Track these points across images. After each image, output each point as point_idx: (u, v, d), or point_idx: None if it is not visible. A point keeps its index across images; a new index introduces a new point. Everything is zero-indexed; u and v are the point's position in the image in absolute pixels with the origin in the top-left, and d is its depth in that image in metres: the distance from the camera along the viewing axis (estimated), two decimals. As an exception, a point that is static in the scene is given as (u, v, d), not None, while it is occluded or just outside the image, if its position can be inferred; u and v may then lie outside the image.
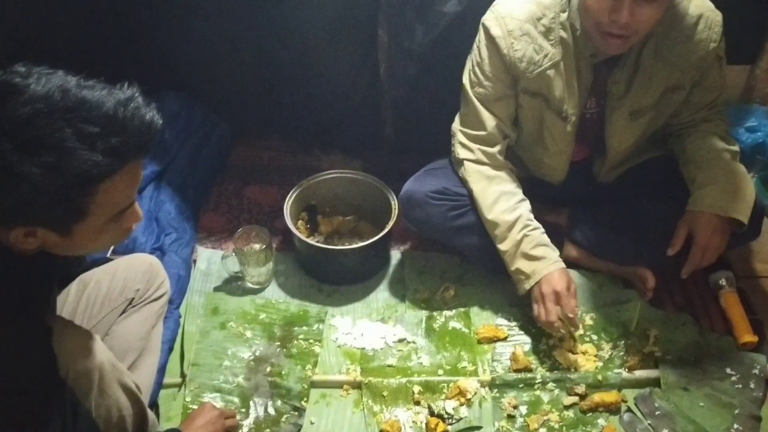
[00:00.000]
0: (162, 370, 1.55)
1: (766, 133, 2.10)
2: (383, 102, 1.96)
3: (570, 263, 1.80)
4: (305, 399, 1.54)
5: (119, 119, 0.92)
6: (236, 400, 1.53)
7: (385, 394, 1.54)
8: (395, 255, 1.89)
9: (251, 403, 1.53)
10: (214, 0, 1.84)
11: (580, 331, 1.65)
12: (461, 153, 1.64)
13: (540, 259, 1.57)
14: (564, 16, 1.48)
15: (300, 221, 1.89)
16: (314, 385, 1.58)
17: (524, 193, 1.66)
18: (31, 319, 1.04)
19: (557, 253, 1.61)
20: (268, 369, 1.59)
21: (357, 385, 1.57)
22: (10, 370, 0.99)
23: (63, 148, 0.88)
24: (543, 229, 1.62)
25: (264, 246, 1.72)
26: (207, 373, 1.57)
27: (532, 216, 1.62)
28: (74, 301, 1.39)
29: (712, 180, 1.57)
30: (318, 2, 1.75)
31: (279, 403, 1.53)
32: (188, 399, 1.53)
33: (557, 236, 1.78)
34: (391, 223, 1.75)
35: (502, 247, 1.60)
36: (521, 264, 1.58)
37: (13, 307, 1.00)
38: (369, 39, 1.79)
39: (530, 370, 1.59)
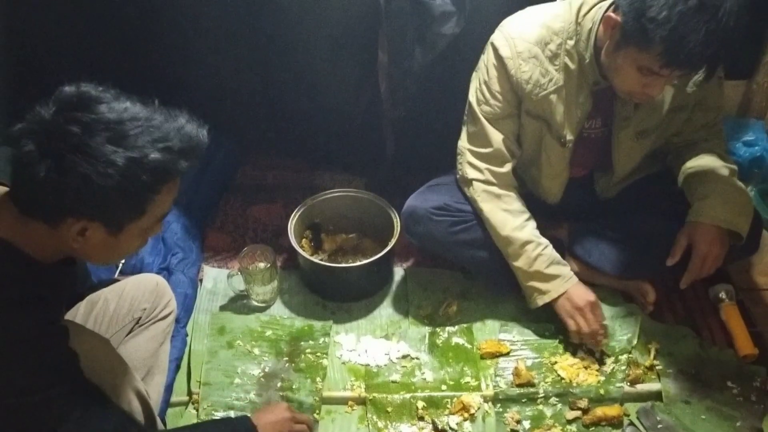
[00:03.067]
0: (169, 389, 1.57)
1: (763, 146, 2.13)
2: (384, 121, 1.98)
3: (571, 277, 1.84)
4: (317, 411, 1.56)
5: (186, 129, 1.06)
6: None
7: (389, 409, 1.56)
8: (398, 271, 1.92)
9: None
10: (219, 23, 1.88)
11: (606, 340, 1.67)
12: (470, 173, 1.66)
13: (555, 278, 1.62)
14: (571, 43, 1.50)
15: (304, 239, 1.91)
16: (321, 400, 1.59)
17: (526, 206, 1.69)
18: (47, 321, 1.08)
19: (569, 267, 1.65)
20: (279, 384, 1.61)
21: (361, 401, 1.59)
22: (29, 369, 1.04)
23: (147, 145, 1.00)
24: (551, 245, 1.66)
25: (269, 264, 1.74)
26: (219, 392, 1.59)
27: (538, 233, 1.65)
28: (83, 320, 1.42)
29: (712, 193, 1.59)
30: (320, 25, 1.78)
31: (293, 417, 1.55)
32: (203, 417, 1.54)
33: (558, 250, 1.81)
34: (393, 240, 1.77)
35: (517, 263, 1.64)
36: (536, 281, 1.63)
37: (30, 309, 1.05)
38: (370, 60, 1.82)
39: (533, 385, 1.60)
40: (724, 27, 1.24)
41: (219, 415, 1.54)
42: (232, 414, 1.54)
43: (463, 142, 1.68)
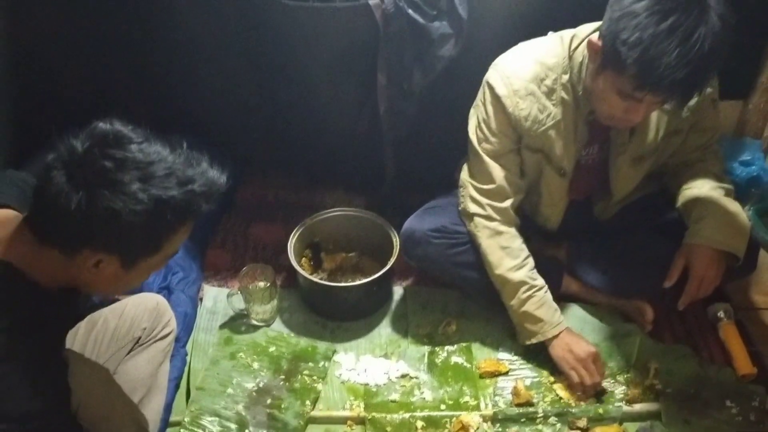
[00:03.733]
0: (168, 408, 1.56)
1: (760, 166, 2.14)
2: (383, 141, 2.00)
3: (570, 297, 1.84)
4: (299, 435, 1.57)
5: (208, 174, 1.11)
6: (233, 426, 1.55)
7: (388, 429, 1.56)
8: (397, 291, 1.92)
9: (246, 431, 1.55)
10: (221, 45, 1.90)
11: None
12: (471, 208, 1.66)
13: (543, 321, 1.63)
14: (566, 77, 1.52)
15: (304, 258, 1.92)
16: (318, 421, 1.59)
17: (524, 227, 1.70)
18: (49, 350, 1.10)
19: (559, 313, 1.66)
20: (269, 401, 1.61)
21: (361, 421, 1.59)
22: (27, 397, 1.04)
23: (173, 186, 1.05)
24: (546, 288, 1.66)
25: (268, 283, 1.75)
26: (209, 398, 1.60)
27: (535, 273, 1.66)
28: (83, 339, 1.42)
29: (708, 214, 1.60)
30: (320, 47, 1.80)
31: (274, 436, 1.55)
32: (187, 419, 1.55)
33: (557, 270, 1.82)
34: (392, 259, 1.78)
35: (508, 302, 1.65)
36: (526, 321, 1.65)
37: (34, 337, 1.07)
38: (369, 81, 1.84)
39: (532, 404, 1.60)
40: (697, 51, 1.23)
41: (204, 421, 1.55)
42: (216, 422, 1.55)
43: (465, 176, 1.68)
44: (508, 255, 1.64)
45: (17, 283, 1.06)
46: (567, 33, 1.53)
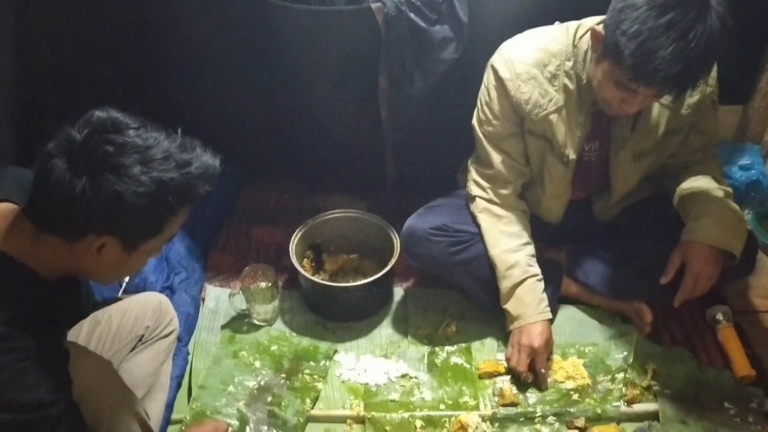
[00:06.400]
0: (170, 407, 1.58)
1: (759, 170, 2.15)
2: (385, 145, 2.02)
3: (569, 299, 1.85)
4: (299, 432, 1.58)
5: (203, 158, 1.13)
6: (235, 422, 1.57)
7: (388, 428, 1.57)
8: (398, 292, 1.94)
9: (247, 428, 1.56)
10: (223, 51, 1.92)
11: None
12: (474, 190, 1.71)
13: (527, 306, 1.64)
14: (569, 64, 1.54)
15: (305, 260, 1.94)
16: (318, 419, 1.61)
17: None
18: (50, 341, 1.11)
19: (545, 303, 1.67)
20: (269, 399, 1.62)
21: (360, 420, 1.60)
22: (29, 387, 1.05)
23: (171, 169, 1.07)
24: (540, 276, 1.68)
25: (270, 284, 1.77)
26: (211, 395, 1.62)
27: (533, 261, 1.68)
28: (86, 337, 1.45)
29: (706, 212, 1.62)
30: (322, 51, 1.82)
31: (274, 432, 1.57)
32: (188, 417, 1.57)
33: (557, 272, 1.83)
34: (393, 261, 1.79)
35: (500, 284, 1.67)
36: (511, 305, 1.66)
37: (35, 328, 1.08)
38: (370, 85, 1.86)
39: (516, 405, 1.61)
40: (693, 48, 1.26)
41: (205, 416, 1.57)
42: (217, 418, 1.57)
43: (470, 159, 1.73)
44: (505, 237, 1.66)
45: (16, 274, 1.08)
46: (572, 23, 1.56)
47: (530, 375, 1.64)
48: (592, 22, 1.51)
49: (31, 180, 1.09)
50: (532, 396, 1.64)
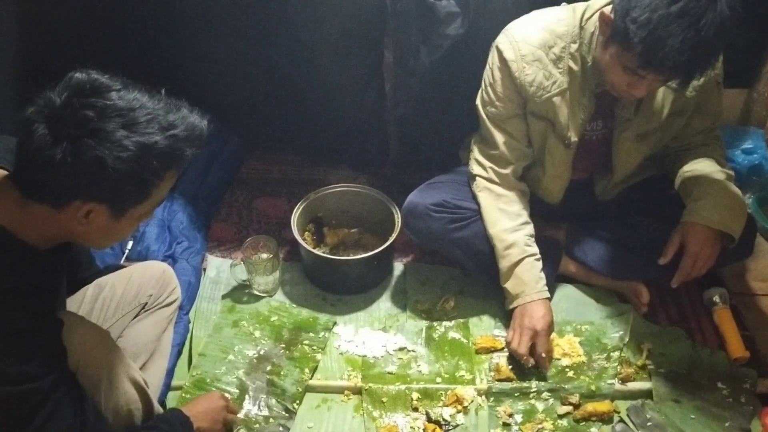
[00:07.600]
0: (170, 373, 1.60)
1: (762, 154, 2.15)
2: (388, 119, 2.02)
3: (567, 277, 1.87)
4: (298, 402, 1.59)
5: (190, 119, 1.10)
6: (234, 390, 1.59)
7: (384, 400, 1.59)
8: (398, 267, 1.95)
9: (246, 396, 1.59)
10: (228, 20, 1.91)
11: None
12: (475, 168, 1.71)
13: (526, 285, 1.65)
14: (574, 47, 1.54)
15: (307, 232, 1.95)
16: (316, 389, 1.63)
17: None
18: (42, 311, 1.11)
19: (543, 282, 1.68)
20: (269, 368, 1.64)
21: (357, 391, 1.62)
22: (21, 359, 1.05)
23: (156, 132, 1.04)
24: (538, 255, 1.69)
25: (271, 255, 1.78)
26: (211, 363, 1.64)
27: (531, 240, 1.69)
28: (90, 303, 1.46)
29: (707, 194, 1.62)
30: (326, 24, 1.81)
31: (273, 401, 1.58)
32: (188, 384, 1.59)
33: (556, 251, 1.84)
34: (394, 236, 1.80)
35: (499, 263, 1.68)
36: (510, 284, 1.67)
37: (26, 298, 1.07)
38: (375, 59, 1.86)
39: (511, 380, 1.63)
40: (703, 36, 1.27)
41: (206, 384, 1.59)
42: (217, 385, 1.59)
43: (474, 138, 1.74)
44: (505, 216, 1.67)
45: (5, 243, 1.06)
46: (580, 5, 1.55)
47: (531, 359, 1.63)
48: (600, 3, 1.50)
49: None
50: (528, 372, 1.66)
